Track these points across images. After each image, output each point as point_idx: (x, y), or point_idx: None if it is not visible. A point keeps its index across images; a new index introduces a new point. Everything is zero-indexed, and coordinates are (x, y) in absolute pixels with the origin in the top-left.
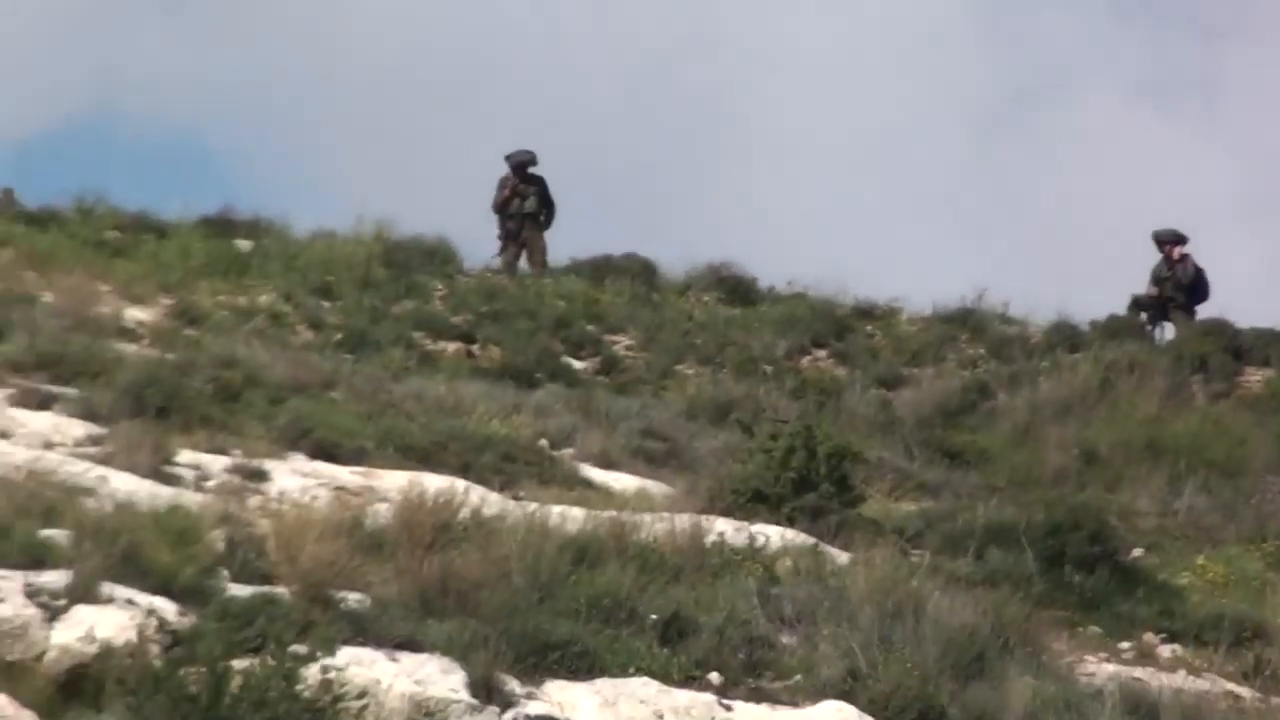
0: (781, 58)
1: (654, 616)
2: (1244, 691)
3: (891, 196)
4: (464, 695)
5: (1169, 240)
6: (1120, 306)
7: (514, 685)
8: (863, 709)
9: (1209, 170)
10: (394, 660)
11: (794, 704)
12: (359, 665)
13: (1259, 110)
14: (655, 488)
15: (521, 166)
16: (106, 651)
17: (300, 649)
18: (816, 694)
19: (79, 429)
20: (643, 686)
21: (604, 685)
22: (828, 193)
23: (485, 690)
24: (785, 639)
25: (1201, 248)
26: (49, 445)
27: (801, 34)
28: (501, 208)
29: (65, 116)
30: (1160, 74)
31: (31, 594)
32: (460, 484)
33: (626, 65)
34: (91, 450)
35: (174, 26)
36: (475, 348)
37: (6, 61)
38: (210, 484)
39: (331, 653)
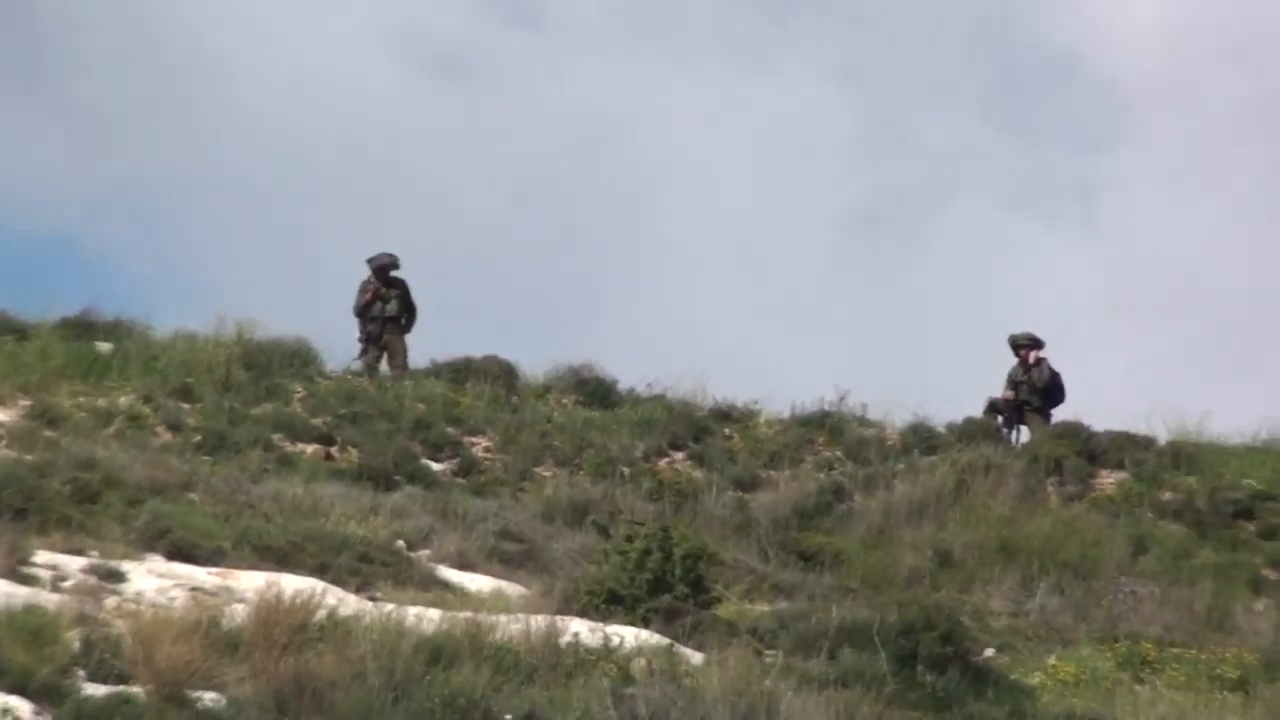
0: (658, 162)
1: (509, 717)
2: None
3: (762, 299)
4: None
5: (1025, 344)
6: (977, 409)
7: None
8: None
9: (1076, 276)
10: None
11: None
12: None
13: (1125, 219)
14: (511, 589)
15: (383, 270)
16: None
17: None
18: None
19: None
20: None
21: None
22: (698, 296)
23: None
24: None
25: (1065, 352)
26: None
27: (680, 139)
28: (363, 310)
29: None
30: (1031, 181)
31: None
32: (317, 585)
33: (500, 167)
34: None
35: (48, 130)
36: (334, 449)
37: None
38: (67, 584)
39: None
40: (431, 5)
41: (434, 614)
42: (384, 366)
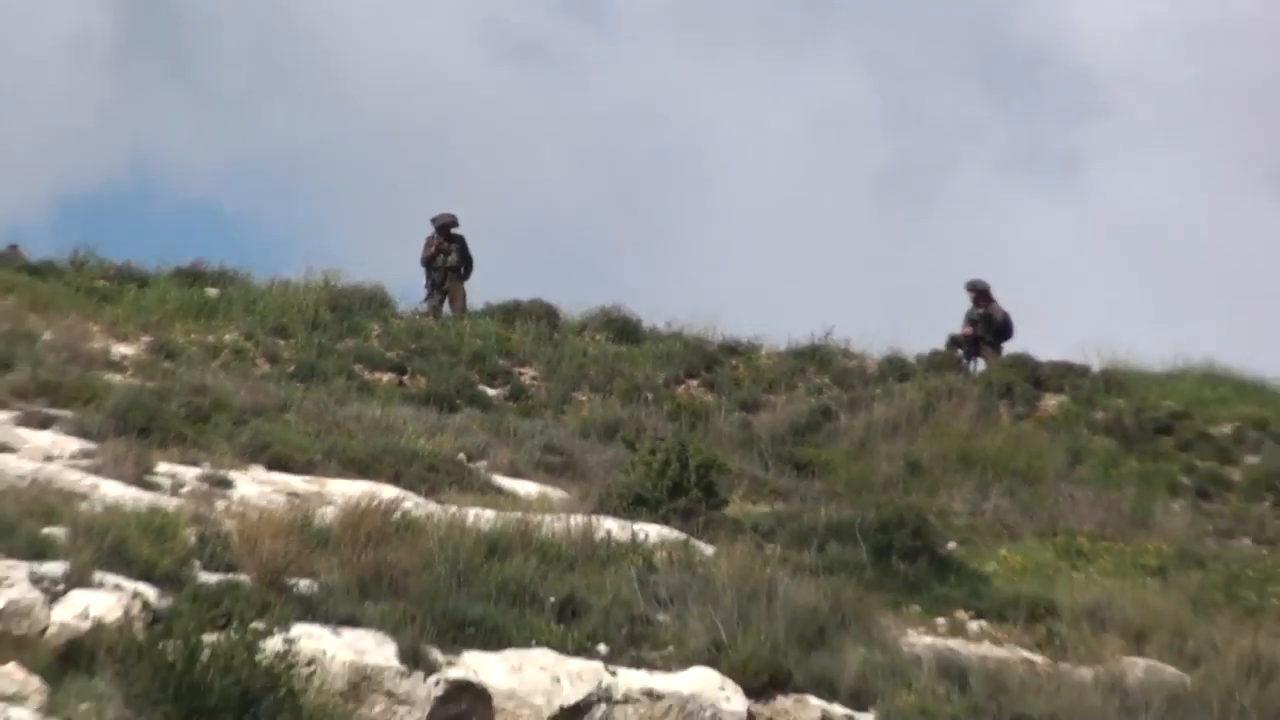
0: (709, 132)
1: (552, 599)
2: (1037, 658)
3: (786, 253)
4: (395, 663)
5: (980, 288)
6: (940, 344)
7: (437, 655)
8: (725, 674)
9: (1057, 231)
10: (337, 635)
11: (668, 669)
12: (309, 639)
13: (1101, 184)
14: (554, 493)
15: (445, 227)
16: (99, 628)
17: (260, 625)
18: (686, 661)
19: (74, 445)
20: (543, 655)
21: (511, 655)
22: (733, 249)
23: (413, 659)
24: (661, 617)
25: (1043, 294)
26: (49, 458)
27: (728, 113)
28: (428, 262)
29: (103, 182)
30: (1025, 150)
31: (35, 580)
32: (393, 490)
33: (569, 141)
34: (85, 462)
35: (195, 110)
36: (406, 378)
37: (50, 131)
38: (184, 490)
39: (286, 628)
40: (511, 2)
41: (490, 514)
42: (447, 309)
